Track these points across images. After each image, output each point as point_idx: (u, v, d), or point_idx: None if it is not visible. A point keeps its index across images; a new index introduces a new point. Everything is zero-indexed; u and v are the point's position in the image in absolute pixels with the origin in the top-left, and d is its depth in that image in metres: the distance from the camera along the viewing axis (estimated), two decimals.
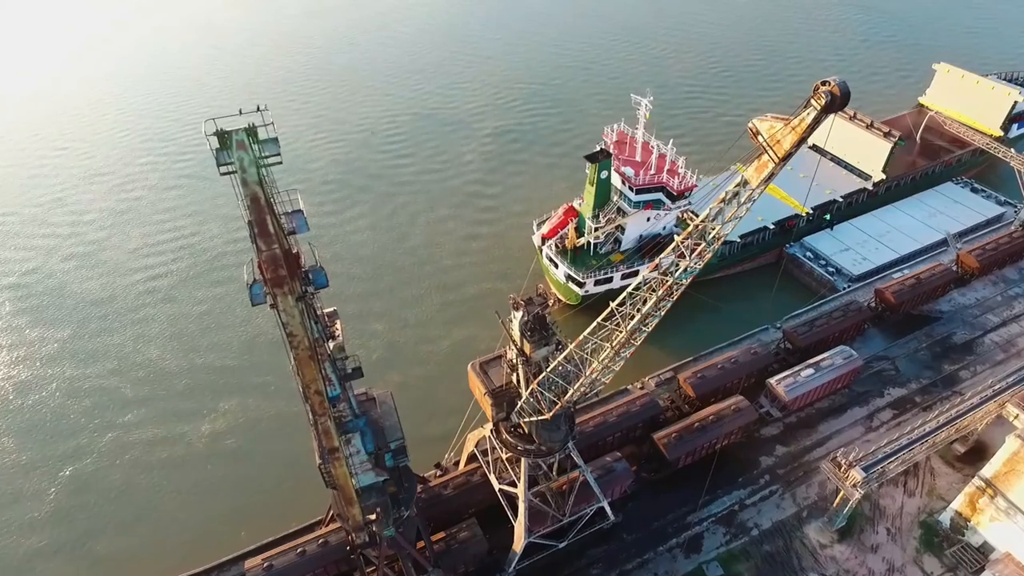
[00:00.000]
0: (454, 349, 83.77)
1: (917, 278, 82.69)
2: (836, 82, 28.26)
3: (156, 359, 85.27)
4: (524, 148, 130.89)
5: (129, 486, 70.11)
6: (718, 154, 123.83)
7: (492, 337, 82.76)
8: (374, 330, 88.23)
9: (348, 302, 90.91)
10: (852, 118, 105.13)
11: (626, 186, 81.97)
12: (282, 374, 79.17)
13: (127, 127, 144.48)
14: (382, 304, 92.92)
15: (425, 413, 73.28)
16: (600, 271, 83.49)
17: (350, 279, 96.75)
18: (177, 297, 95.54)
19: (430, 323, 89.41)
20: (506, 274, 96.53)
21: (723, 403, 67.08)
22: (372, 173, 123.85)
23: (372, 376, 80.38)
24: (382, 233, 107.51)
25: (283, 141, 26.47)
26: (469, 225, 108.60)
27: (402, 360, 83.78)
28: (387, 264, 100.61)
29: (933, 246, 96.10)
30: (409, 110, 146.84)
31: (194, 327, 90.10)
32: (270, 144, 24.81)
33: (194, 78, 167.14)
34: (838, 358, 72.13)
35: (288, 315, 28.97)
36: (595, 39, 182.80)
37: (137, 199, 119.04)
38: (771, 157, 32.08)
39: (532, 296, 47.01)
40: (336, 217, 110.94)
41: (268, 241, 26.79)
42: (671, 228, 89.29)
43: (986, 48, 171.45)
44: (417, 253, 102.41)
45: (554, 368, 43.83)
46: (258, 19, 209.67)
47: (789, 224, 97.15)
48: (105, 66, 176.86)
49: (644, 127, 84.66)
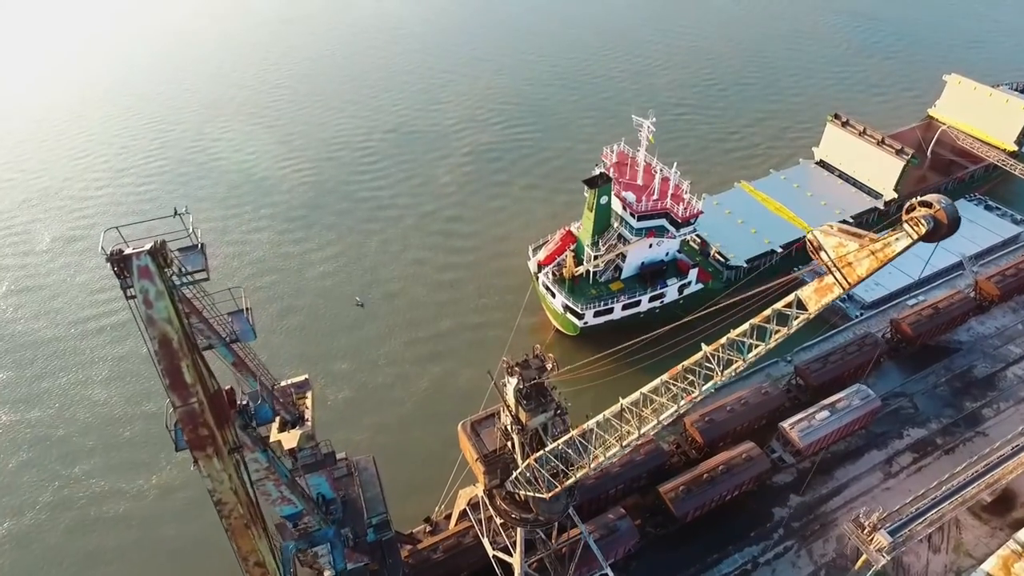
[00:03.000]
0: (434, 386, 78.70)
1: (935, 308, 78.25)
2: (942, 205, 21.79)
3: (103, 403, 78.03)
4: (504, 168, 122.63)
5: (71, 545, 63.82)
6: (717, 170, 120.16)
7: (474, 375, 78.61)
8: (340, 370, 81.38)
9: (312, 340, 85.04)
10: (862, 134, 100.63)
11: (627, 212, 77.23)
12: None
13: (84, 149, 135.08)
14: (349, 340, 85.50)
15: (407, 458, 68.27)
16: (600, 302, 78.74)
17: (314, 316, 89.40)
18: (129, 335, 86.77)
19: (403, 359, 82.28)
20: (484, 308, 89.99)
21: (733, 450, 62.56)
22: (343, 194, 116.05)
23: (340, 421, 74.79)
24: (351, 262, 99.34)
25: (248, 160, 20.55)
26: (445, 253, 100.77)
27: (375, 401, 77.37)
28: (354, 296, 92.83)
29: (948, 269, 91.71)
30: (383, 126, 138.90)
31: (145, 369, 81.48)
32: (193, 257, 19.17)
33: (159, 94, 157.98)
34: (855, 398, 67.60)
35: (215, 480, 22.56)
36: (581, 49, 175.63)
37: (90, 226, 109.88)
38: (838, 281, 25.03)
39: (528, 357, 42.29)
40: (300, 246, 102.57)
41: (184, 395, 20.69)
42: (674, 254, 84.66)
43: (993, 58, 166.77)
44: (388, 285, 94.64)
45: (553, 449, 39.07)
46: (228, 28, 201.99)
47: (797, 247, 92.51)
48: (63, 83, 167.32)
49: (646, 149, 79.89)
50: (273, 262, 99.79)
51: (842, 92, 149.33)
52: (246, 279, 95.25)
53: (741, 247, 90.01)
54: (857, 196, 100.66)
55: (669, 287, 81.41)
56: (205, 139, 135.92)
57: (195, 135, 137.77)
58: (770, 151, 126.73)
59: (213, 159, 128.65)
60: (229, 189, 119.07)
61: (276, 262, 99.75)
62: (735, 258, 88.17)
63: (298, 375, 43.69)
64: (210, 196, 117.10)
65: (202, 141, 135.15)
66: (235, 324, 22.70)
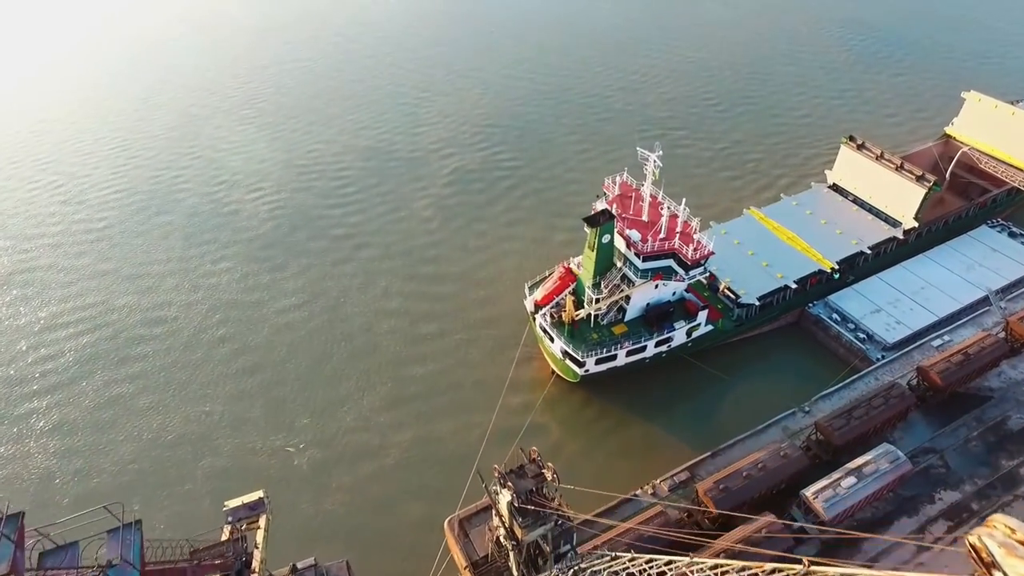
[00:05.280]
0: (418, 451, 72.36)
1: (965, 353, 72.15)
2: None
3: (37, 464, 71.23)
4: (492, 201, 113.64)
5: None
6: (722, 193, 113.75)
7: (464, 436, 72.67)
8: (302, 425, 74.99)
9: (275, 402, 78.14)
10: (879, 158, 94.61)
11: (632, 252, 71.12)
12: (189, 497, 67.81)
13: (37, 177, 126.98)
14: (321, 399, 78.49)
15: (386, 550, 61.41)
16: (602, 348, 72.58)
17: (280, 372, 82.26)
18: (72, 381, 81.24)
19: (380, 421, 75.57)
20: (468, 360, 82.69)
21: (750, 525, 56.36)
22: (317, 229, 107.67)
23: (308, 494, 66.44)
24: (316, 305, 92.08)
25: (215, 192, 14.30)
26: (428, 300, 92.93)
27: (348, 468, 70.57)
28: (322, 342, 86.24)
29: (974, 305, 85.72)
30: (360, 150, 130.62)
31: (85, 422, 76.00)
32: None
33: (129, 112, 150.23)
34: (883, 461, 61.59)
35: None
36: (573, 67, 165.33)
37: (33, 259, 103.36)
38: None
39: (524, 464, 36.16)
40: (267, 292, 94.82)
41: None
42: (681, 293, 78.62)
43: (1008, 73, 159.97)
44: (362, 337, 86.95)
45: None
46: (204, 39, 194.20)
47: (812, 281, 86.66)
48: (20, 100, 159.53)
49: (652, 183, 73.69)
50: (236, 311, 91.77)
51: (850, 113, 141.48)
52: (206, 328, 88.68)
53: (752, 283, 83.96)
54: (874, 224, 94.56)
55: (677, 331, 75.31)
56: (170, 167, 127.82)
57: (158, 164, 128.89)
58: (777, 172, 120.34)
59: (176, 189, 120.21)
60: (188, 219, 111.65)
61: (239, 312, 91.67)
62: (746, 295, 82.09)
63: (252, 493, 37.27)
64: (172, 231, 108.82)
65: (165, 171, 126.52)
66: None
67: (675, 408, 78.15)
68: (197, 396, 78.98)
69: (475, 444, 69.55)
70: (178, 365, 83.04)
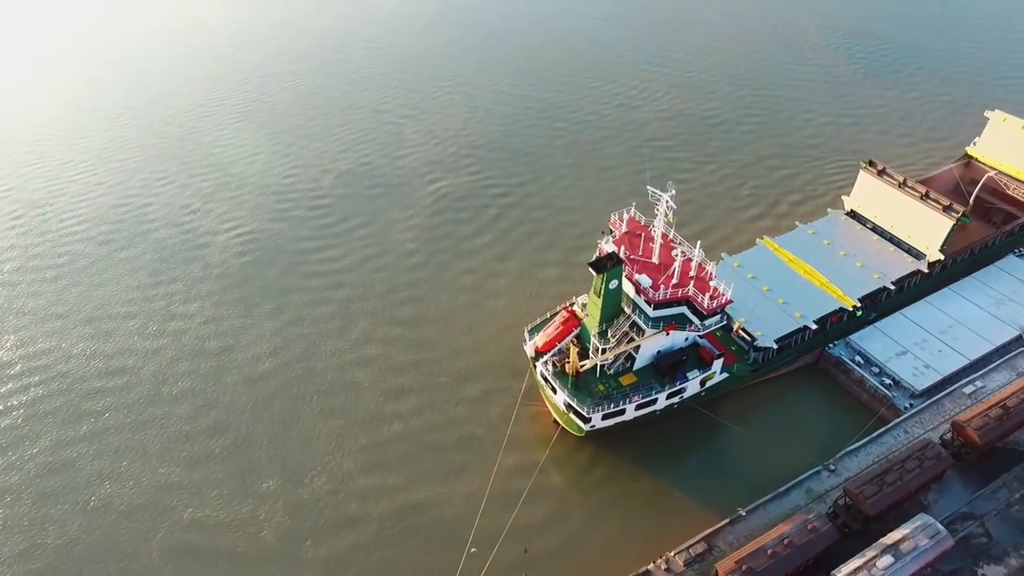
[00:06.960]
0: (401, 510, 66.46)
1: (1003, 407, 66.37)
2: None
3: None
4: (480, 230, 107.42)
5: None
6: (731, 220, 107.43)
7: (446, 495, 66.73)
8: (267, 489, 68.63)
9: (242, 466, 71.51)
10: (901, 185, 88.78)
11: (642, 298, 65.11)
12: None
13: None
14: (294, 463, 71.71)
15: None
16: (610, 402, 66.56)
17: (247, 434, 75.33)
18: (17, 442, 74.69)
19: (364, 487, 69.05)
20: (455, 416, 76.21)
21: None
22: (290, 266, 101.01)
23: (273, 561, 60.61)
24: (288, 352, 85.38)
25: (186, 221, 8.88)
26: (408, 347, 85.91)
27: (323, 526, 65.07)
28: (293, 396, 79.59)
29: (1007, 346, 79.96)
30: (340, 175, 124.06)
31: (29, 492, 69.41)
32: None
33: (97, 134, 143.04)
34: (922, 536, 55.76)
35: None
36: (567, 85, 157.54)
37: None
38: None
39: None
40: (231, 339, 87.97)
41: None
42: (694, 338, 72.44)
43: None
44: (335, 396, 79.67)
45: None
46: (182, 53, 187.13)
47: (832, 320, 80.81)
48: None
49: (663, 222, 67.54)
50: (201, 361, 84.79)
51: (860, 133, 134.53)
52: (169, 380, 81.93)
53: (769, 323, 78.00)
54: (896, 256, 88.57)
55: (690, 380, 69.32)
56: (140, 193, 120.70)
57: (127, 190, 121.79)
58: (789, 197, 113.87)
59: (145, 219, 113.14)
60: (156, 252, 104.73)
61: (205, 361, 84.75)
62: (763, 338, 76.10)
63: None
64: (139, 267, 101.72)
65: (135, 198, 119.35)
66: None
67: (688, 462, 72.26)
68: (156, 458, 72.28)
69: (467, 513, 63.70)
70: (137, 424, 76.29)
